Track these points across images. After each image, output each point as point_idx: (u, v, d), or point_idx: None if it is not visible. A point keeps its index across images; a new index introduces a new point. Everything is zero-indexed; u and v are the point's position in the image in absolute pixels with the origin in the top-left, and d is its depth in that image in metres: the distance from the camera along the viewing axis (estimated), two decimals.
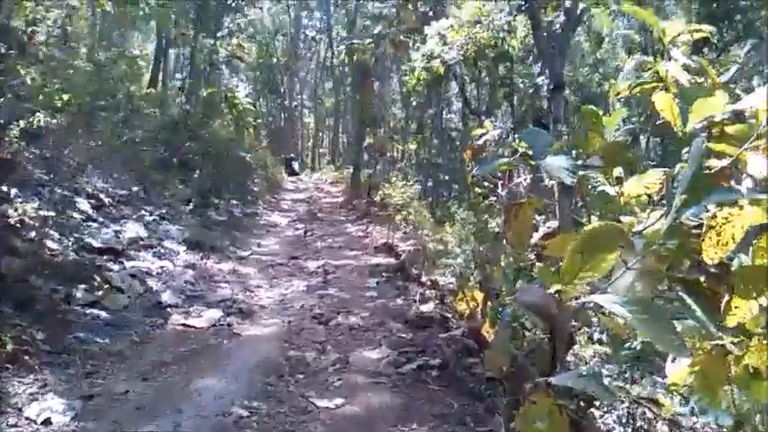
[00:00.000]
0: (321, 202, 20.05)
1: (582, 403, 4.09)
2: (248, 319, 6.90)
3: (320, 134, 53.06)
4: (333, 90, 43.13)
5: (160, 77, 19.86)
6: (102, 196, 9.38)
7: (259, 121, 47.39)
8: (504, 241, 7.72)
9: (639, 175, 4.11)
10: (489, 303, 6.40)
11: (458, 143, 28.95)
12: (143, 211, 10.06)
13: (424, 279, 8.76)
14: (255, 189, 18.96)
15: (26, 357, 4.78)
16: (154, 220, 9.94)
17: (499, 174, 10.87)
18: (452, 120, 33.02)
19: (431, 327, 6.43)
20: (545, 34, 14.51)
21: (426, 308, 7.15)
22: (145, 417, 4.17)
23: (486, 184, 13.08)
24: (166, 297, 7.11)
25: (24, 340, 4.88)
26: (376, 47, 19.76)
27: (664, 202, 3.42)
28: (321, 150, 51.54)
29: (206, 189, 13.44)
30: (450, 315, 6.85)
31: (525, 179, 9.26)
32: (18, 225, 6.70)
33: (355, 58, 19.96)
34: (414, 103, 30.15)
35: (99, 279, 6.85)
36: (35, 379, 4.55)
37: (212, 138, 16.59)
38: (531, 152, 4.78)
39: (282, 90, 45.97)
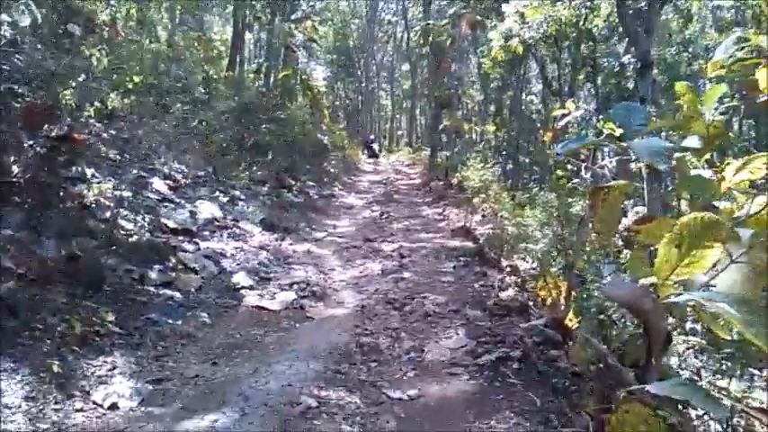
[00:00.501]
0: (398, 184, 19.84)
1: (681, 408, 3.71)
2: (321, 301, 6.73)
3: (397, 116, 53.07)
4: (409, 72, 42.86)
5: (237, 61, 20.01)
6: (177, 177, 9.41)
7: (336, 103, 47.86)
8: (590, 226, 7.32)
9: (744, 159, 3.64)
10: (573, 292, 6.04)
11: (538, 125, 28.28)
12: (218, 192, 10.06)
13: (503, 264, 8.41)
14: (332, 170, 18.92)
15: (96, 339, 4.73)
16: (229, 200, 9.93)
17: (583, 156, 10.34)
18: (532, 101, 32.30)
19: (511, 315, 6.09)
20: (630, 11, 13.79)
21: (506, 295, 6.81)
22: (212, 403, 4.02)
23: (569, 166, 12.56)
24: (240, 278, 7.01)
25: (94, 321, 4.83)
26: (452, 27, 19.29)
27: None
28: (398, 132, 51.57)
29: (282, 170, 13.41)
30: (531, 303, 6.48)
31: (611, 161, 8.72)
32: (93, 205, 6.73)
33: (431, 39, 19.55)
34: (492, 85, 29.58)
35: (173, 260, 6.82)
36: (104, 361, 4.49)
37: (288, 119, 16.59)
38: (618, 132, 4.39)
39: (359, 73, 46.06)
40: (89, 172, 7.41)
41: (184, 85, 13.58)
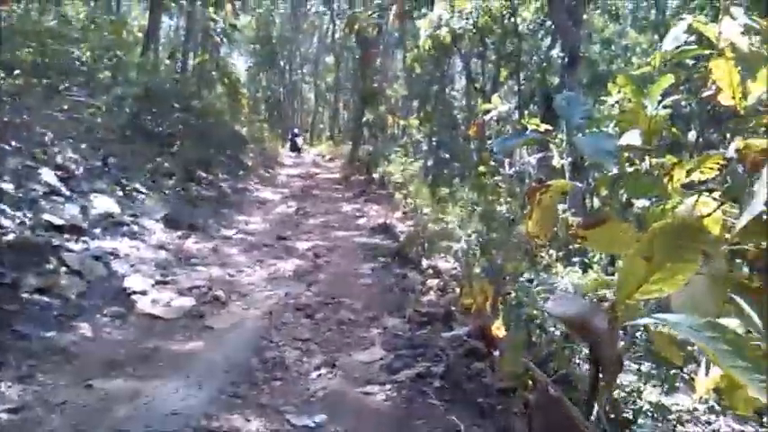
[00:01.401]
0: (318, 178, 19.19)
1: None
2: (224, 308, 6.06)
3: (320, 110, 52.50)
4: (334, 65, 42.32)
5: (153, 47, 18.88)
6: (72, 167, 8.49)
7: (258, 95, 46.79)
8: (523, 229, 6.91)
9: (698, 158, 3.20)
10: (500, 299, 5.59)
11: (460, 120, 28.20)
12: (117, 185, 9.18)
13: (424, 265, 7.93)
14: (249, 163, 18.08)
15: None
16: (130, 194, 9.06)
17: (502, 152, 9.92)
18: (455, 97, 32.29)
19: (432, 323, 5.59)
20: (561, 2, 13.54)
21: (427, 299, 6.33)
22: None
23: (492, 162, 12.13)
24: (133, 282, 6.25)
25: None
26: (379, 17, 18.82)
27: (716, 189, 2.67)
28: (321, 126, 51.06)
29: (193, 162, 12.55)
30: (454, 309, 6.01)
31: (534, 157, 8.30)
32: None
33: (357, 28, 18.98)
34: (416, 79, 29.34)
35: (55, 261, 6.01)
36: None
37: (203, 108, 15.72)
38: (543, 128, 3.89)
39: (282, 64, 45.29)
40: None
41: (88, 68, 12.56)
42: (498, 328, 4.99)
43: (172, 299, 6.07)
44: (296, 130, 37.70)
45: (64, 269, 5.99)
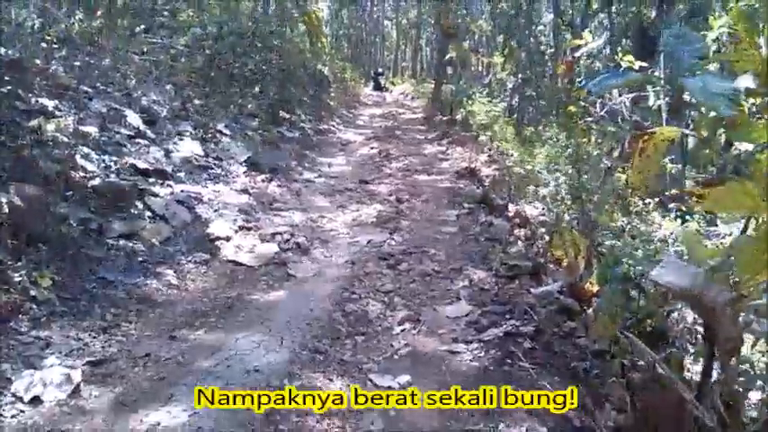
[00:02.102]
0: (400, 119, 18.88)
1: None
2: (307, 255, 5.96)
3: (402, 47, 51.81)
4: (416, 0, 41.35)
5: None
6: (156, 109, 8.51)
7: (340, 32, 46.42)
8: (623, 177, 6.48)
9: None
10: (594, 252, 5.26)
11: (546, 58, 27.14)
12: (202, 128, 9.17)
13: (511, 212, 7.62)
14: (331, 104, 17.94)
15: (32, 307, 3.99)
16: (213, 136, 9.04)
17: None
18: (542, 32, 31.07)
19: (520, 277, 5.32)
20: None
21: (515, 250, 6.04)
22: (158, 396, 3.30)
23: (581, 102, 11.48)
24: (217, 227, 6.23)
25: (28, 286, 4.07)
26: None
27: None
28: (403, 64, 50.48)
29: (275, 103, 12.47)
30: (543, 261, 5.73)
31: (627, 98, 7.70)
32: (51, 143, 5.89)
33: None
34: (501, 13, 28.31)
35: (140, 206, 6.03)
36: (37, 336, 3.74)
37: (284, 48, 15.53)
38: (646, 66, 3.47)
39: (364, 1, 44.64)
40: (51, 104, 6.55)
41: (171, 7, 12.56)
42: (592, 284, 4.70)
43: (255, 245, 6.02)
44: (380, 70, 37.38)
45: (149, 214, 6.02)
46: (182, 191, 6.78)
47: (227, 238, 6.06)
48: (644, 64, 5.69)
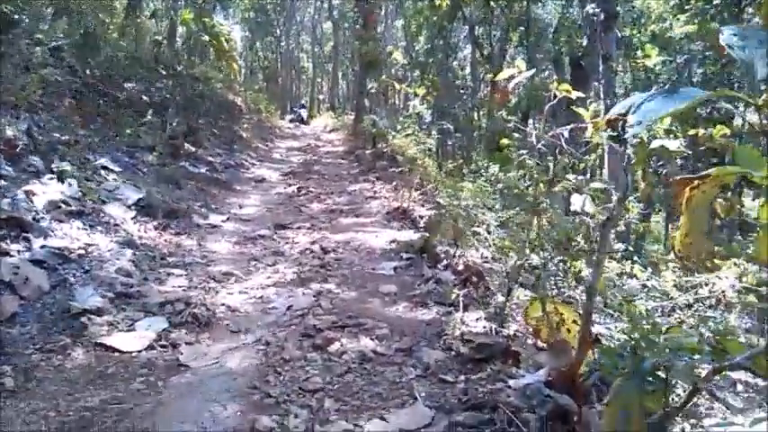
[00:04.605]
0: (320, 152, 17.57)
1: None
2: (206, 332, 4.52)
3: (319, 80, 51.12)
4: (333, 32, 40.83)
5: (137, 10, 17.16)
6: (25, 140, 6.89)
7: (255, 64, 45.19)
8: (671, 247, 5.32)
9: None
10: (589, 329, 4.04)
11: (462, 91, 26.79)
12: (88, 163, 7.59)
13: (458, 262, 6.37)
14: (244, 135, 16.47)
15: None
16: (97, 173, 7.46)
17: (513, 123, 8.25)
18: (460, 66, 30.96)
19: (490, 360, 4.04)
20: None
21: (474, 318, 4.78)
22: None
23: (515, 134, 10.28)
24: (84, 296, 4.70)
25: None
26: None
27: None
28: (320, 96, 49.80)
29: (179, 134, 10.94)
30: (511, 333, 4.50)
31: (564, 129, 6.62)
32: None
33: None
34: (418, 48, 27.88)
35: None
36: None
37: (192, 74, 14.05)
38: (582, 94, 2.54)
39: (279, 33, 43.77)
40: None
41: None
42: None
43: (135, 320, 4.53)
44: (303, 101, 36.61)
45: None
46: (42, 246, 5.22)
47: (98, 311, 4.53)
48: (580, 93, 4.83)
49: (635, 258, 8.14)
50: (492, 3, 21.85)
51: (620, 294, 6.39)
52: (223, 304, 5.07)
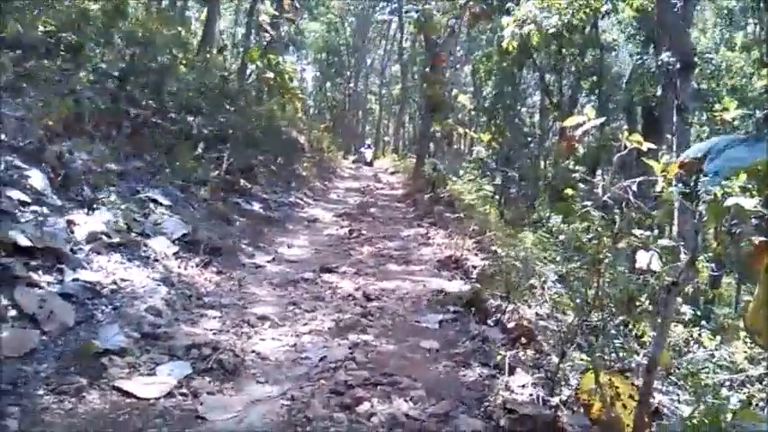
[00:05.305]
0: (377, 194, 17.37)
1: None
2: (231, 382, 4.23)
3: (385, 121, 51.54)
4: (401, 75, 41.20)
5: (213, 44, 17.46)
6: (77, 168, 6.85)
7: (323, 104, 45.87)
8: (744, 320, 4.88)
9: None
10: (648, 407, 3.59)
11: (529, 138, 26.38)
12: (136, 194, 7.53)
13: (509, 319, 5.96)
14: (304, 174, 16.43)
15: None
16: (146, 206, 7.37)
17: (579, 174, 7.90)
18: (528, 112, 30.62)
19: None
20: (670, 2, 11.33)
21: (520, 384, 4.36)
22: None
23: (581, 184, 9.75)
24: (109, 335, 4.49)
25: None
26: (453, 17, 17.02)
27: None
28: (385, 138, 50.17)
29: (236, 169, 10.89)
30: (563, 400, 4.07)
31: (633, 182, 6.12)
32: None
33: (427, 27, 17.17)
34: (485, 93, 27.65)
35: (3, 301, 4.32)
36: None
37: (255, 110, 14.12)
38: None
39: (349, 74, 44.45)
40: None
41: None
42: None
43: (158, 363, 4.29)
44: (367, 142, 37.02)
45: (14, 314, 4.29)
46: (74, 279, 5.06)
47: (120, 353, 4.31)
48: (651, 145, 4.44)
49: (703, 324, 7.57)
50: (563, 50, 21.53)
51: (685, 362, 5.88)
52: (253, 351, 4.79)
